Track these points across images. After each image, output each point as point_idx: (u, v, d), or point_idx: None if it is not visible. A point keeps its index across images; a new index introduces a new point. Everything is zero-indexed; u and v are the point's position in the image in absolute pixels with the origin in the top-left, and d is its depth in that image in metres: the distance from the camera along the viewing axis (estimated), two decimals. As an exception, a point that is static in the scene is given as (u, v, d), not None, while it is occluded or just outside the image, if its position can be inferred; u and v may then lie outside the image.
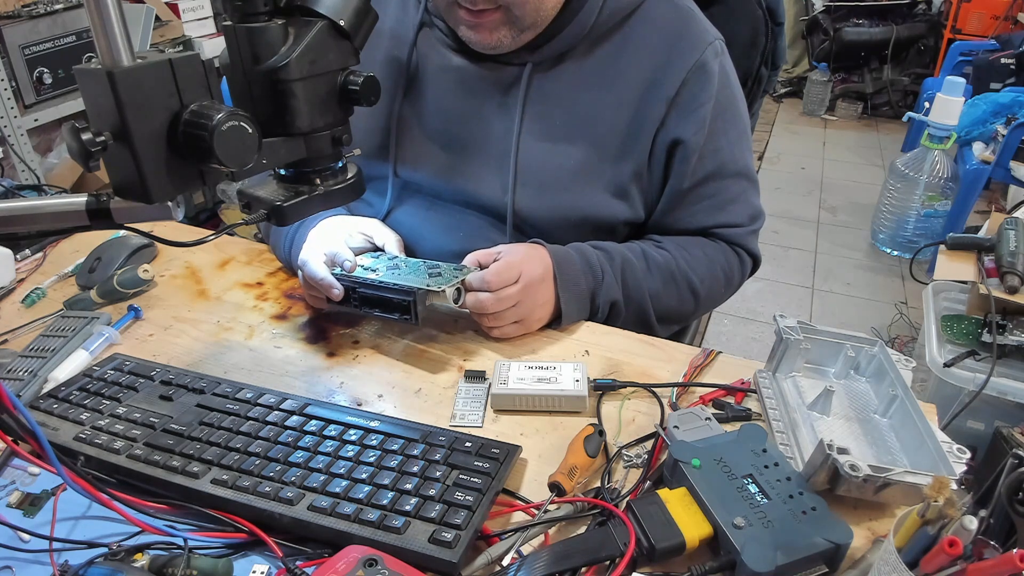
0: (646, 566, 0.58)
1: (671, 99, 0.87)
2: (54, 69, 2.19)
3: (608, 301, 0.88)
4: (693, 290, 0.93)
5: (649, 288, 0.91)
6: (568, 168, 0.89)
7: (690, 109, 0.88)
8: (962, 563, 0.46)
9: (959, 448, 0.61)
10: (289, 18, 0.58)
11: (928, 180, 2.60)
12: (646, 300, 0.91)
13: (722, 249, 0.96)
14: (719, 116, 0.90)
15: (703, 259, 0.94)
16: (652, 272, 0.91)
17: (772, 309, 0.73)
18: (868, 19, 4.14)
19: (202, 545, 0.59)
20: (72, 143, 0.49)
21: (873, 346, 0.76)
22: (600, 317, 0.89)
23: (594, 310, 0.89)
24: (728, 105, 0.91)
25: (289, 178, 0.64)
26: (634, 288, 0.90)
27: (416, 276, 0.83)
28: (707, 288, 0.94)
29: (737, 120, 0.94)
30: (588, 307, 0.88)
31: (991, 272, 1.46)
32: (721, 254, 0.96)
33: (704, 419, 0.69)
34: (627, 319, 0.91)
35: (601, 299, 0.88)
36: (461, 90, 0.91)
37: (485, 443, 0.66)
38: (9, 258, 0.98)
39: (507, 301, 0.82)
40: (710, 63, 0.88)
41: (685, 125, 0.88)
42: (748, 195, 0.97)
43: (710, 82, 0.88)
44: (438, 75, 0.92)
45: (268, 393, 0.73)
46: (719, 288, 0.97)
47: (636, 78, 0.88)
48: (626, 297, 0.89)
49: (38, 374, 0.79)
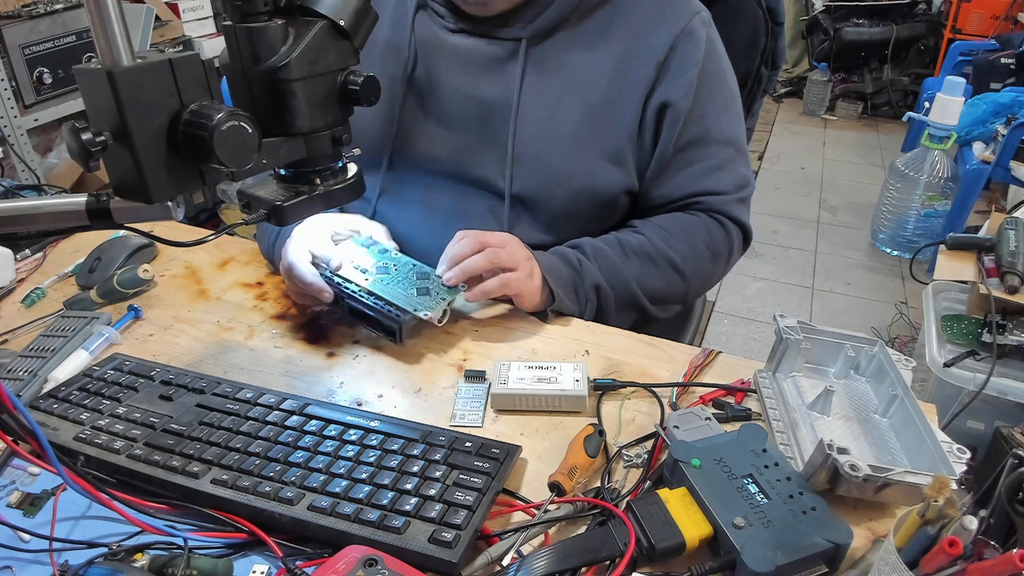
0: (646, 566, 0.58)
1: (660, 63, 0.89)
2: (54, 69, 2.19)
3: (592, 285, 0.89)
4: (676, 268, 0.93)
5: (631, 272, 0.91)
6: (565, 137, 0.90)
7: (678, 73, 0.89)
8: (962, 563, 0.46)
9: (959, 448, 0.61)
10: (289, 18, 0.58)
11: (928, 180, 2.60)
12: (630, 283, 0.91)
13: (703, 223, 0.95)
14: (705, 83, 0.91)
15: (682, 235, 0.94)
16: (629, 256, 0.91)
17: (772, 309, 0.73)
18: (868, 19, 4.14)
19: (202, 545, 0.59)
20: (72, 143, 0.49)
21: (873, 346, 0.76)
22: (590, 307, 0.90)
23: (581, 299, 0.89)
24: (715, 74, 0.92)
25: (289, 178, 0.64)
26: (612, 272, 0.90)
27: (404, 288, 0.84)
28: (691, 265, 0.94)
29: (724, 88, 0.94)
30: (574, 296, 0.89)
31: (991, 272, 1.46)
32: (703, 228, 0.95)
33: (704, 419, 0.69)
34: (619, 305, 0.91)
35: (584, 285, 0.89)
36: (458, 69, 0.92)
37: (485, 443, 0.66)
38: (9, 258, 0.98)
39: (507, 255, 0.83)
40: (697, 30, 0.90)
41: (673, 88, 0.89)
42: (735, 164, 0.96)
43: (697, 47, 0.89)
44: (435, 56, 0.93)
45: (268, 393, 0.73)
46: (705, 264, 0.96)
47: (626, 45, 0.90)
48: (609, 281, 0.89)
49: (38, 374, 0.79)
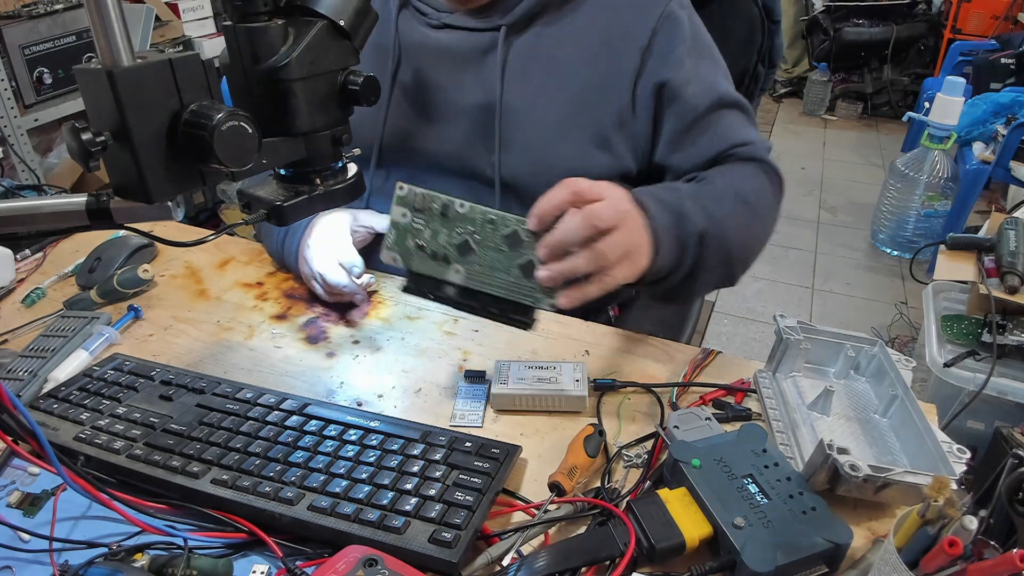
0: (646, 566, 0.58)
1: (644, 48, 0.89)
2: (54, 69, 2.19)
3: (696, 234, 0.75)
4: (746, 201, 0.83)
5: (717, 211, 0.78)
6: (550, 123, 0.91)
7: (666, 53, 0.89)
8: (962, 563, 0.46)
9: (959, 448, 0.61)
10: (289, 18, 0.58)
11: (928, 180, 2.60)
12: (723, 226, 0.78)
13: (749, 165, 0.90)
14: (698, 56, 0.91)
15: (738, 174, 0.88)
16: (721, 199, 0.81)
17: (772, 309, 0.73)
18: (868, 19, 4.14)
19: (202, 545, 0.59)
20: (72, 143, 0.49)
21: (873, 346, 0.76)
22: (684, 267, 0.76)
23: (686, 257, 0.75)
24: (704, 48, 0.93)
25: (289, 178, 0.64)
26: (711, 216, 0.77)
27: (503, 267, 0.68)
28: (757, 197, 0.86)
29: (719, 60, 0.94)
30: (679, 252, 0.74)
31: (991, 272, 1.46)
32: (747, 167, 0.89)
33: (704, 419, 0.69)
34: (717, 260, 0.79)
35: (689, 235, 0.74)
36: (442, 64, 0.93)
37: (485, 443, 0.66)
38: (9, 258, 0.98)
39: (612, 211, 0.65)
40: (677, 12, 0.90)
41: (664, 68, 0.89)
42: (752, 126, 0.94)
43: (680, 28, 0.90)
44: (420, 54, 0.94)
45: (268, 393, 0.73)
46: (766, 197, 0.88)
47: (607, 30, 0.90)
48: (714, 230, 0.76)
49: (38, 374, 0.79)
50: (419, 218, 0.69)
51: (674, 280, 0.76)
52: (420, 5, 0.94)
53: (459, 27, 0.92)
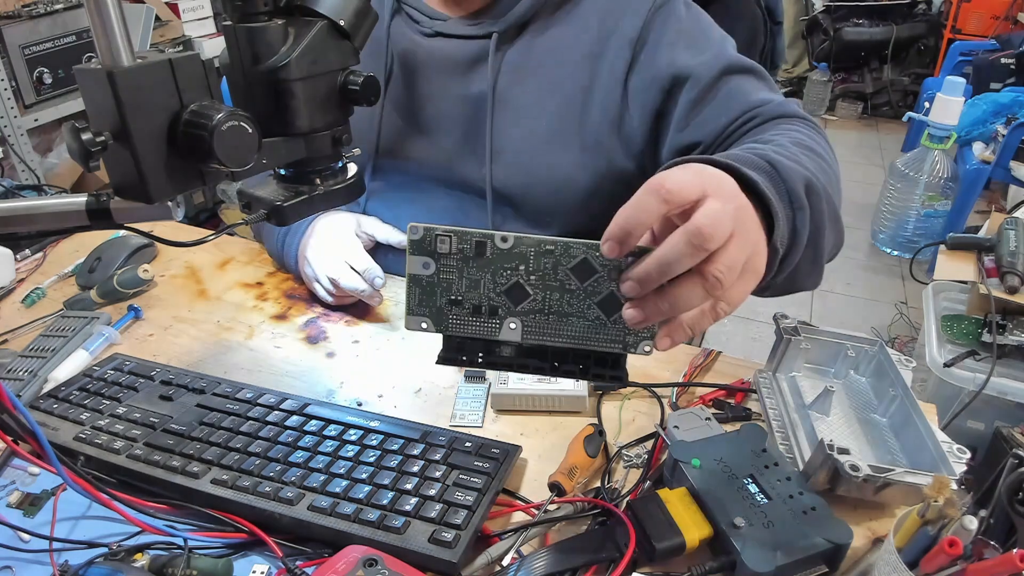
0: (646, 566, 0.58)
1: (635, 40, 0.87)
2: (54, 69, 2.19)
3: (801, 181, 0.60)
4: (811, 148, 0.71)
5: (800, 159, 0.64)
6: (542, 132, 0.90)
7: (660, 41, 0.86)
8: (962, 563, 0.46)
9: (959, 448, 0.61)
10: (289, 18, 0.58)
11: (928, 180, 2.60)
12: (815, 179, 0.62)
13: (777, 120, 0.80)
14: (694, 34, 0.87)
15: (781, 127, 0.78)
16: (805, 151, 0.68)
17: (772, 309, 0.73)
18: (868, 19, 4.14)
19: (202, 545, 0.59)
20: (72, 143, 0.49)
21: (873, 346, 0.76)
22: (803, 218, 0.59)
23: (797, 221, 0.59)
24: (705, 26, 0.89)
25: (289, 178, 0.64)
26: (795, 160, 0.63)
27: (576, 311, 0.51)
28: (818, 145, 0.74)
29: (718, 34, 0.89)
30: (789, 215, 0.58)
31: (991, 272, 1.46)
32: (783, 122, 0.79)
33: (704, 419, 0.69)
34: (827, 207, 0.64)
35: (793, 182, 0.59)
36: (435, 72, 0.93)
37: (485, 443, 0.66)
38: (9, 258, 0.98)
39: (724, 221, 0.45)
40: (669, 1, 0.87)
41: (660, 55, 0.86)
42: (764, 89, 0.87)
43: (674, 14, 0.87)
44: (412, 61, 0.94)
45: (268, 393, 0.73)
46: (824, 145, 0.76)
47: (598, 32, 0.88)
48: (817, 182, 0.62)
49: (38, 374, 0.79)
50: (447, 265, 0.52)
51: (794, 258, 0.60)
52: (413, 12, 0.93)
53: (451, 35, 0.91)
